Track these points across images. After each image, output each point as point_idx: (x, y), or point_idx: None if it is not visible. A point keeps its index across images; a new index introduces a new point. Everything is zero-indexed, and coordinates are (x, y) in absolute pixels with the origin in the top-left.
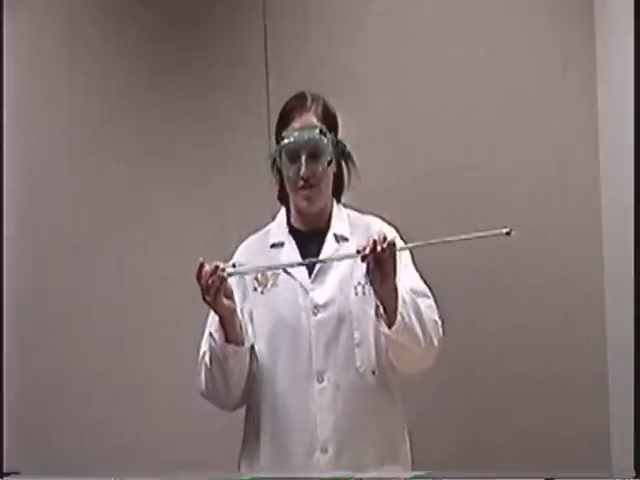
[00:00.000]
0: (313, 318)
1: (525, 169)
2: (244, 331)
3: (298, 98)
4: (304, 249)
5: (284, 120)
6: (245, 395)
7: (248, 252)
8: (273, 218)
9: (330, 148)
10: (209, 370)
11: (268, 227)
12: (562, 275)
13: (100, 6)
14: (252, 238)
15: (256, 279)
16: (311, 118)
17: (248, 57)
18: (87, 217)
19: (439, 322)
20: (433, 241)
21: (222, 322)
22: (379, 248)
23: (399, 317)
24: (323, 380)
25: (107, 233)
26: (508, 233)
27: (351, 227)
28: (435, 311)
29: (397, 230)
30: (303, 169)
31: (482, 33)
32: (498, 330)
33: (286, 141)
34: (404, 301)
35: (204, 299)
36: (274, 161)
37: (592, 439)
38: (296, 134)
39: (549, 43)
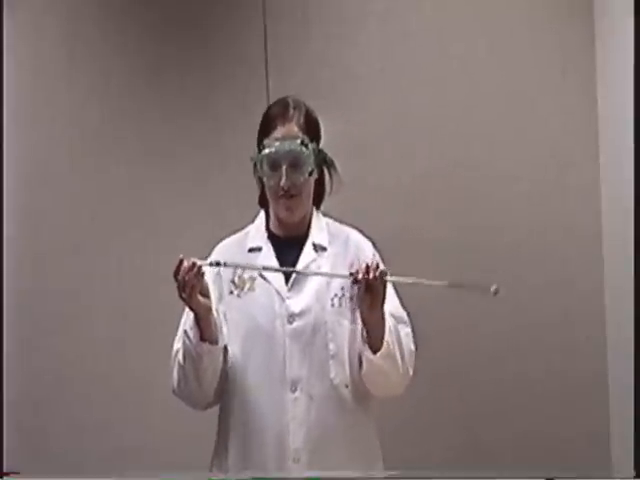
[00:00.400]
0: (288, 326)
1: (525, 170)
2: (219, 330)
3: (280, 106)
4: (281, 256)
5: (266, 128)
6: (217, 395)
7: (225, 254)
8: (253, 220)
9: (311, 158)
10: (182, 368)
11: (247, 229)
12: (562, 275)
13: (100, 6)
14: (230, 240)
15: (233, 282)
16: (293, 128)
17: (248, 57)
18: (87, 217)
19: (414, 352)
20: (425, 282)
21: (197, 320)
22: (371, 275)
23: (385, 344)
24: (296, 390)
25: (107, 233)
26: (496, 292)
27: (330, 236)
28: (412, 340)
29: (374, 244)
30: (284, 179)
31: (482, 34)
32: (498, 330)
33: (267, 151)
34: (389, 329)
35: (180, 296)
36: (256, 165)
37: (592, 439)
38: (277, 144)
39: (549, 45)
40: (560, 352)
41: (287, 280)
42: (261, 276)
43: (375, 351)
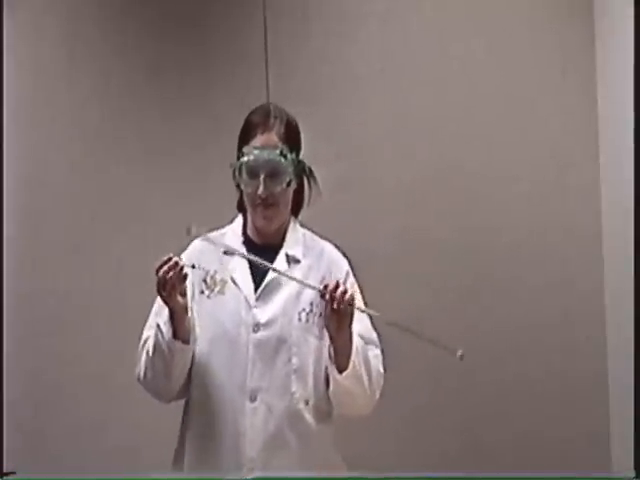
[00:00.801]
0: (253, 335)
1: (525, 170)
2: (192, 329)
3: (261, 114)
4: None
5: (246, 135)
6: (182, 391)
7: (201, 255)
8: (231, 221)
9: (290, 169)
10: (150, 360)
11: (225, 230)
12: (562, 275)
13: (99, 6)
14: (207, 239)
15: (205, 281)
16: (272, 137)
17: (248, 55)
18: (87, 217)
19: (382, 374)
20: (398, 325)
21: (172, 317)
22: (337, 299)
23: (351, 365)
24: (256, 399)
25: (107, 233)
26: (461, 358)
27: (305, 248)
28: (381, 362)
29: (349, 261)
30: (261, 188)
31: (482, 34)
32: (498, 330)
33: (245, 159)
34: (357, 350)
35: (159, 293)
36: (235, 171)
37: (592, 439)
38: (256, 152)
39: (549, 46)
40: (560, 352)
41: (257, 289)
42: (232, 281)
43: (341, 371)
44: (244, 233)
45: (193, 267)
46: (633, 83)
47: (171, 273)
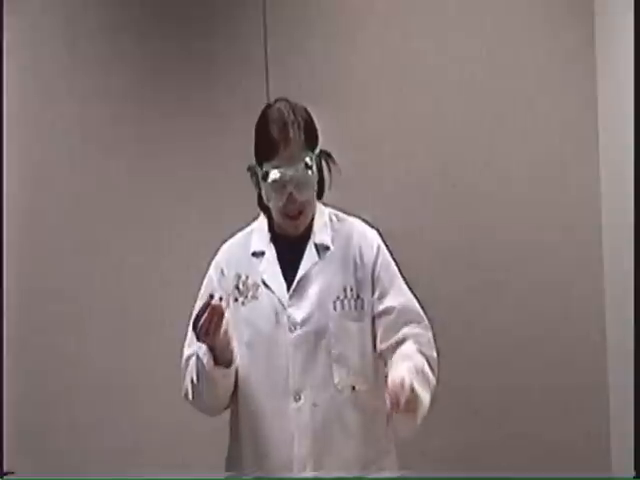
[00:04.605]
0: (290, 335)
1: (525, 169)
2: (232, 349)
3: (280, 126)
4: (284, 258)
5: (266, 151)
6: (229, 402)
7: (231, 259)
8: (258, 216)
9: (315, 177)
10: (195, 386)
11: (251, 227)
12: (562, 275)
13: (100, 6)
14: (234, 241)
15: (237, 288)
16: (295, 150)
17: (248, 55)
18: (87, 217)
19: (436, 358)
20: None
21: (211, 348)
22: (402, 402)
23: (418, 420)
24: (300, 399)
25: (107, 233)
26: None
27: (333, 232)
28: (432, 343)
29: (379, 232)
30: (291, 206)
31: (482, 32)
32: (498, 330)
33: (271, 179)
34: (423, 402)
35: (198, 338)
36: (252, 174)
37: (592, 439)
38: (282, 170)
39: (549, 43)
40: (560, 351)
41: (289, 286)
42: (264, 283)
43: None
44: (270, 229)
45: (211, 297)
46: (633, 82)
47: (214, 321)
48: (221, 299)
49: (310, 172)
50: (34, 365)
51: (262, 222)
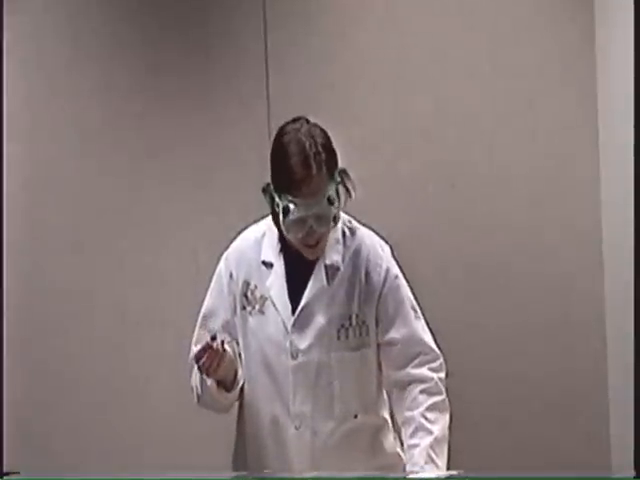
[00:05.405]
0: (292, 362)
1: (525, 168)
2: (237, 377)
3: (301, 159)
4: (292, 274)
5: (287, 185)
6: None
7: (241, 263)
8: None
9: (337, 207)
10: (199, 395)
11: (263, 230)
12: (562, 275)
13: (100, 5)
14: (246, 243)
15: (245, 296)
16: (317, 185)
17: (248, 55)
18: (87, 217)
19: (445, 396)
20: None
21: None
22: None
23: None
24: (300, 426)
25: (107, 233)
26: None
27: (344, 249)
28: (443, 368)
29: (391, 248)
30: (310, 239)
31: (482, 31)
32: (498, 330)
33: (292, 217)
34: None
35: (203, 374)
36: (266, 191)
37: (592, 439)
38: (304, 206)
39: (549, 41)
40: (560, 352)
41: (295, 308)
42: (271, 300)
43: None
44: (281, 239)
45: (213, 338)
46: (633, 82)
47: (214, 362)
48: (223, 342)
49: (333, 207)
50: (34, 365)
51: (273, 231)
